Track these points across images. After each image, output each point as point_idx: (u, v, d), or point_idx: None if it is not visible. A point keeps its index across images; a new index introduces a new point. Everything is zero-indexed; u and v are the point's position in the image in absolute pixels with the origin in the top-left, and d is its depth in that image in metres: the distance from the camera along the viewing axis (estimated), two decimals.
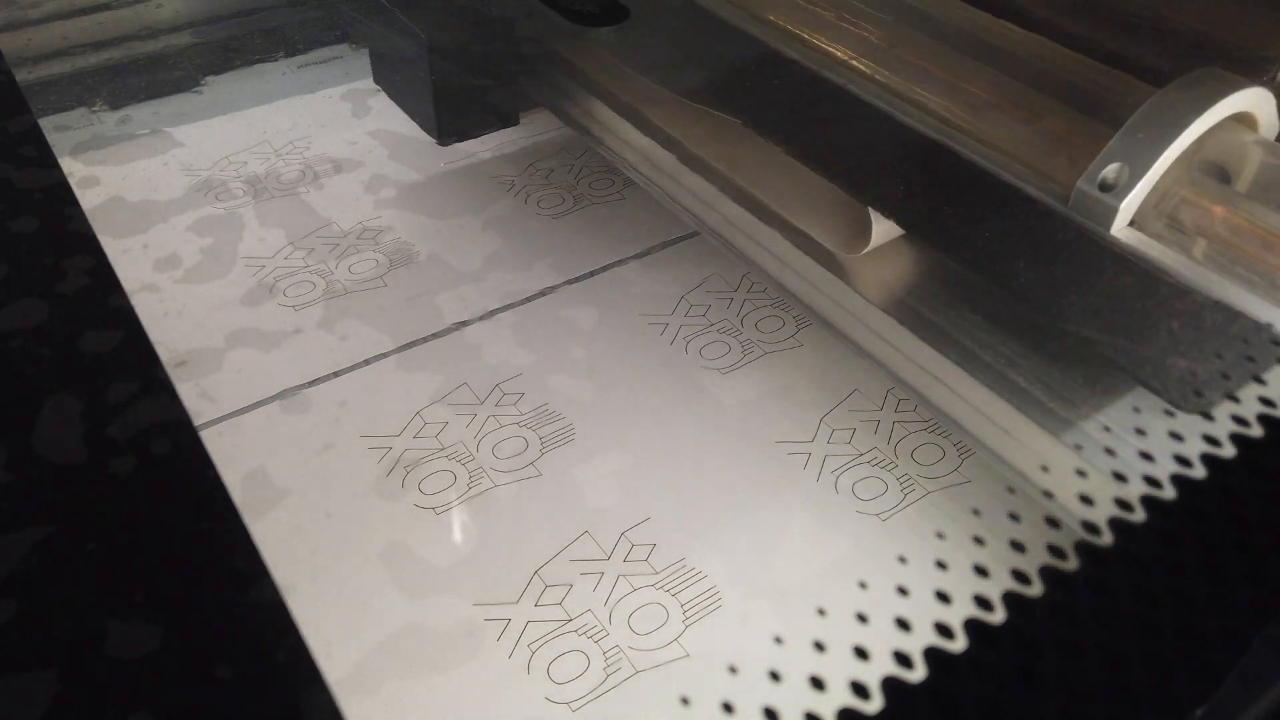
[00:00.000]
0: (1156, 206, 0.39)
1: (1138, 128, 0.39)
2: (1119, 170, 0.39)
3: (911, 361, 0.49)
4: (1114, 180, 0.39)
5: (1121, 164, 0.39)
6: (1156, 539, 0.24)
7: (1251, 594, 0.23)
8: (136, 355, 0.25)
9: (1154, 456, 0.28)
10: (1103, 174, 0.39)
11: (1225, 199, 0.39)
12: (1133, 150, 0.39)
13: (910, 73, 0.48)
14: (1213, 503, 0.25)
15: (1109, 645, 0.22)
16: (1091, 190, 0.39)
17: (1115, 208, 0.39)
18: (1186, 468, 0.25)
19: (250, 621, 0.20)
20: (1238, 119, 0.40)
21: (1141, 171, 0.38)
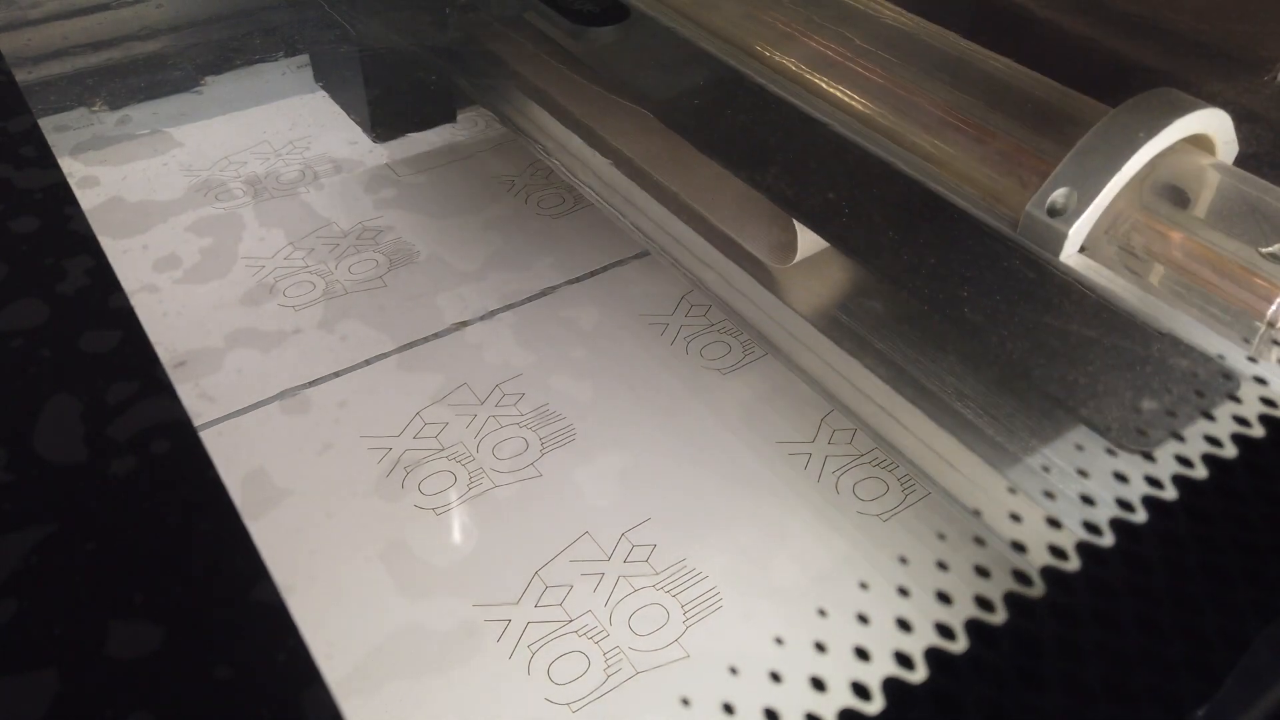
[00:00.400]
0: (1107, 231, 0.38)
1: (1087, 151, 0.38)
2: (1068, 195, 0.38)
3: (857, 389, 0.48)
4: (1063, 205, 0.38)
5: (1070, 188, 0.38)
6: (1157, 539, 0.24)
7: (1252, 594, 0.23)
8: (136, 355, 0.25)
9: (1095, 500, 0.27)
10: (1051, 198, 0.38)
11: (1180, 224, 0.38)
12: (1082, 174, 0.37)
13: (863, 89, 0.46)
14: (1213, 503, 0.25)
15: (1109, 645, 0.22)
16: (1040, 215, 0.38)
17: (1064, 233, 0.37)
18: (1127, 511, 0.25)
19: (250, 622, 0.20)
20: (1193, 141, 0.39)
21: (1091, 196, 0.37)
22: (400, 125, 0.73)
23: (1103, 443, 0.35)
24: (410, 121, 0.74)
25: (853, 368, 0.47)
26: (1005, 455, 0.42)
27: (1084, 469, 0.37)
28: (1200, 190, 0.39)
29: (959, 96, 0.44)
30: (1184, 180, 0.39)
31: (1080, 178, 0.37)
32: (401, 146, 0.77)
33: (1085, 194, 0.37)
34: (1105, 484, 0.27)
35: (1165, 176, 0.39)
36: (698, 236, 0.54)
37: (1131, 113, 0.38)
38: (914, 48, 0.47)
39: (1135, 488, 0.25)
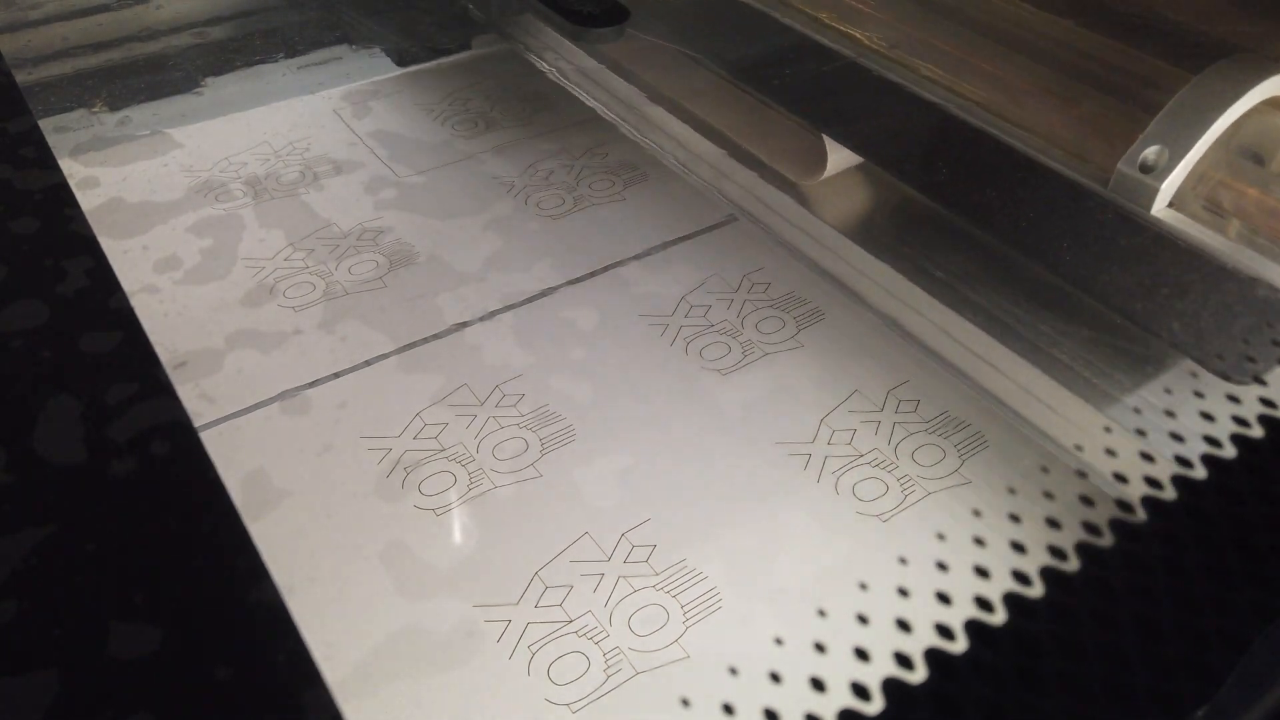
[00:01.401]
0: (1194, 188, 0.40)
1: (1177, 111, 0.40)
2: (1159, 152, 0.40)
3: (958, 343, 0.51)
4: (1154, 162, 0.40)
5: (1161, 146, 0.40)
6: (1157, 540, 0.24)
7: (1252, 595, 0.23)
8: (136, 356, 0.25)
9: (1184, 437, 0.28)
10: (1143, 155, 0.40)
11: (1260, 181, 0.40)
12: (1173, 133, 0.40)
13: (948, 62, 0.49)
14: (1213, 504, 0.25)
15: (1109, 646, 0.22)
16: (1132, 172, 0.41)
17: (1156, 188, 0.40)
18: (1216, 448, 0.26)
19: (250, 623, 0.20)
20: (1273, 103, 0.41)
21: (1182, 153, 0.40)
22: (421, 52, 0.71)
23: (1190, 385, 0.39)
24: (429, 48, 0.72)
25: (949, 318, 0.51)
26: (1102, 395, 0.46)
27: (1172, 409, 0.40)
28: (1277, 150, 0.41)
29: (1044, 67, 0.46)
30: (1263, 140, 0.41)
31: (1171, 136, 0.40)
32: (402, 147, 0.77)
33: (1176, 151, 0.40)
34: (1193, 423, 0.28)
35: (1246, 137, 0.41)
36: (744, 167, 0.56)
37: (1219, 75, 0.40)
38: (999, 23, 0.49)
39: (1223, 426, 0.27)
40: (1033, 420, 0.49)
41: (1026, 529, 0.31)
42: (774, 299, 0.63)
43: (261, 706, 0.19)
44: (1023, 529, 0.33)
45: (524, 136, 0.78)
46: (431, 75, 0.86)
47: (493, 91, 0.84)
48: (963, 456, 0.53)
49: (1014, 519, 0.40)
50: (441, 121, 0.80)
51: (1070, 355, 0.47)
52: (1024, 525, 0.36)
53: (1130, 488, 0.26)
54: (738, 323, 0.61)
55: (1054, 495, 0.41)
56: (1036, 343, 0.48)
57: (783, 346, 0.60)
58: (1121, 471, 0.28)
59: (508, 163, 0.76)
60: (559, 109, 0.81)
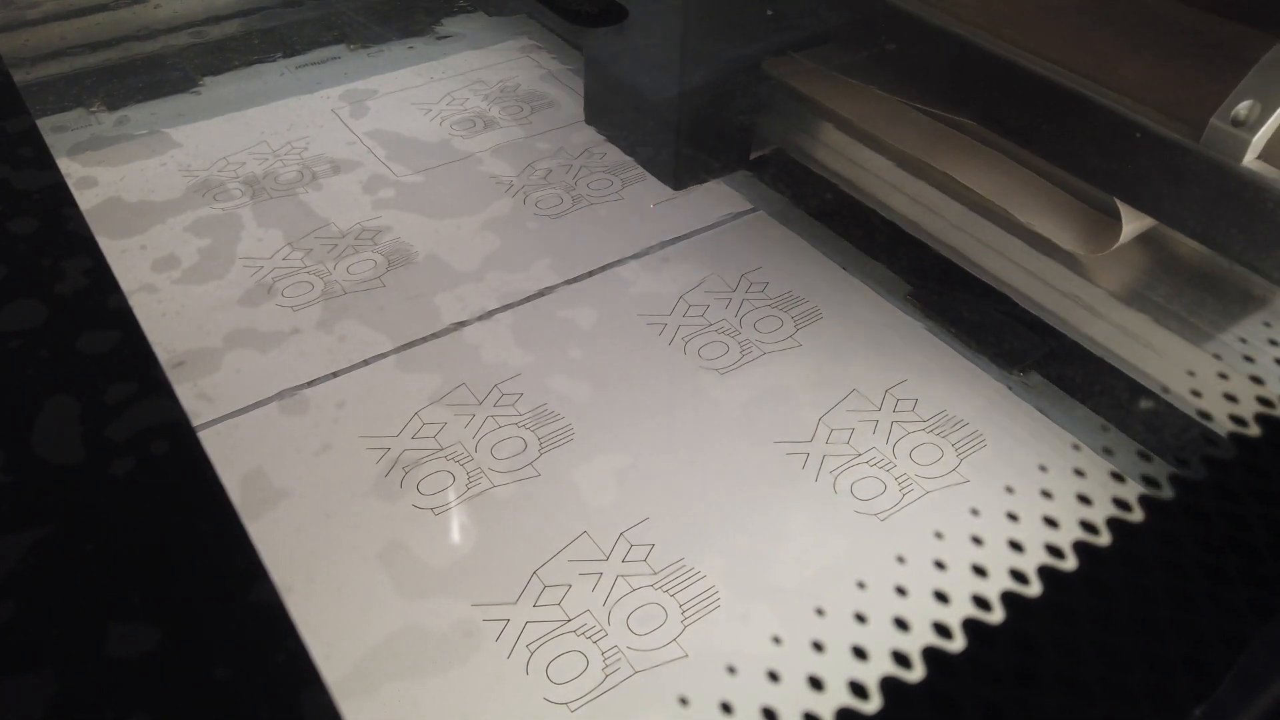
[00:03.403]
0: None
1: (1269, 68, 0.42)
2: (1251, 107, 0.43)
3: (1051, 288, 0.55)
4: (1246, 116, 0.43)
5: (1254, 101, 0.42)
6: (1155, 539, 0.24)
7: (1250, 594, 0.23)
8: (135, 356, 0.25)
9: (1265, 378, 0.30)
10: (1235, 110, 0.43)
11: None
12: (1265, 87, 0.42)
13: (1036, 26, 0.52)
14: (1211, 503, 0.25)
15: (1108, 645, 0.22)
16: (1225, 125, 0.43)
17: (1248, 141, 0.42)
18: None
19: (249, 622, 0.20)
20: None
21: (1274, 107, 0.42)
22: (701, 172, 0.72)
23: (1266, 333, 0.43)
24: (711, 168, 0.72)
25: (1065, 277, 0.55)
26: (1198, 333, 0.50)
27: (1276, 339, 0.45)
28: None
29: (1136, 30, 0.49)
30: None
31: (1263, 90, 0.43)
32: (400, 147, 0.77)
33: (1269, 106, 0.42)
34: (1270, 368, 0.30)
35: None
36: None
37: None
38: None
39: None
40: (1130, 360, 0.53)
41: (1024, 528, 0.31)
42: (772, 298, 0.63)
43: (260, 706, 0.19)
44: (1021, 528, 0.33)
45: (522, 136, 0.78)
46: (430, 75, 0.86)
47: (491, 91, 0.84)
48: (961, 455, 0.53)
49: (1012, 518, 0.40)
50: (439, 121, 0.80)
51: (1165, 297, 0.51)
52: (1022, 524, 0.36)
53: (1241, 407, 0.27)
54: (736, 322, 0.61)
55: (1052, 494, 0.41)
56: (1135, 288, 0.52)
57: (781, 346, 0.60)
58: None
59: (506, 162, 0.76)
60: (558, 107, 0.81)
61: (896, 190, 0.64)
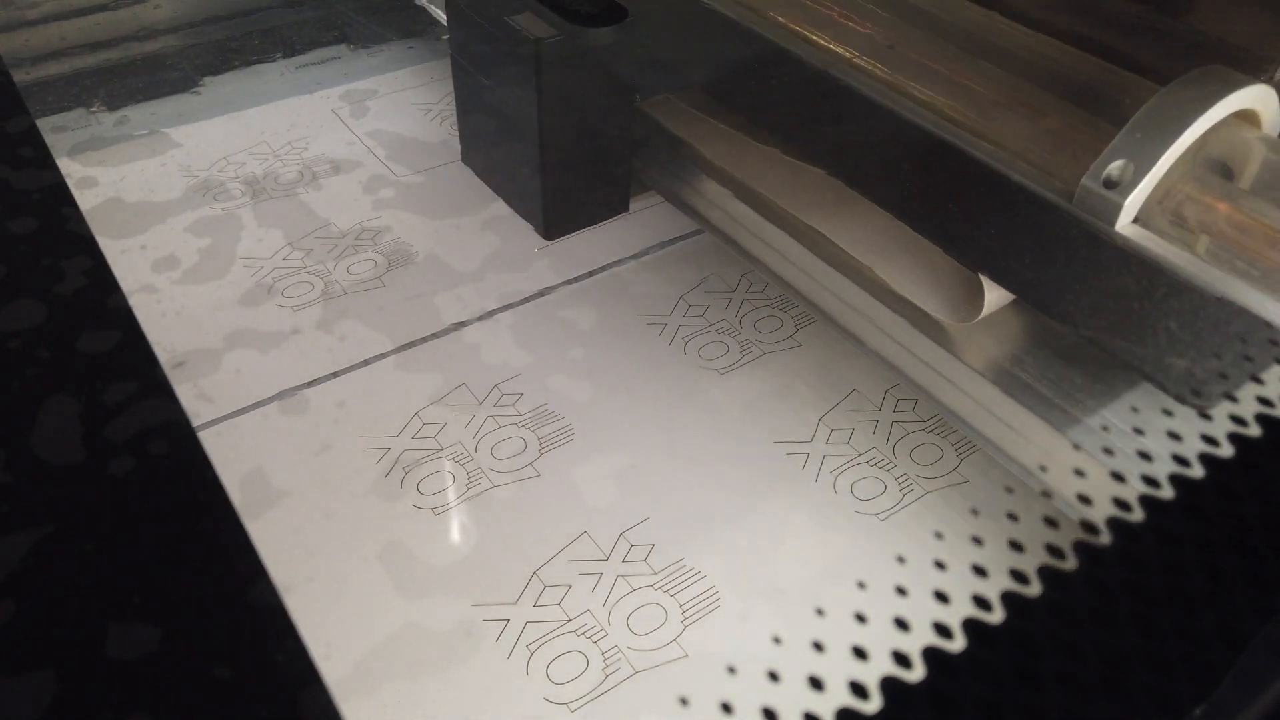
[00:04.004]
0: (1160, 203, 0.39)
1: (1141, 125, 0.39)
2: (1123, 167, 0.39)
3: (916, 358, 0.49)
4: (1118, 177, 0.39)
5: (1126, 161, 0.39)
6: (1155, 538, 0.24)
7: (1250, 593, 0.23)
8: (134, 356, 0.25)
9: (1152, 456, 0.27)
10: (1107, 171, 0.39)
11: (1229, 196, 0.39)
12: (1137, 147, 0.39)
13: (912, 70, 0.48)
14: (1211, 502, 0.25)
15: (1108, 645, 0.22)
16: (1096, 187, 0.39)
17: (1120, 204, 0.39)
18: (1185, 467, 0.25)
19: (248, 622, 0.20)
20: (1241, 116, 0.40)
21: (1146, 168, 0.39)
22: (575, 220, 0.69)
23: (1158, 404, 0.37)
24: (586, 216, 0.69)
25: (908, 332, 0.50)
26: (1065, 416, 0.44)
27: (1140, 427, 0.39)
28: (1246, 163, 0.40)
29: (1011, 77, 0.45)
30: (1231, 153, 0.40)
31: (1136, 150, 0.39)
32: (400, 147, 0.77)
33: (1141, 166, 0.39)
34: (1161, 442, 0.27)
35: (1214, 150, 0.40)
36: None
37: (1185, 88, 0.39)
38: (962, 31, 0.48)
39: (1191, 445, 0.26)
40: (995, 441, 0.47)
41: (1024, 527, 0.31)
42: (772, 298, 0.63)
43: (260, 706, 0.19)
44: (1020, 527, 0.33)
45: None
46: (431, 75, 0.86)
47: None
48: (960, 455, 0.53)
49: (1012, 517, 0.40)
50: (439, 121, 0.80)
51: (1033, 375, 0.46)
52: (1022, 524, 0.36)
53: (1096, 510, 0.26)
54: (736, 322, 0.61)
55: (1051, 494, 0.41)
56: (1000, 362, 0.47)
57: (781, 345, 0.60)
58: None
59: None
60: None
61: (767, 245, 0.59)
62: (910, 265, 0.51)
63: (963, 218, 0.43)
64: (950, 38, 0.48)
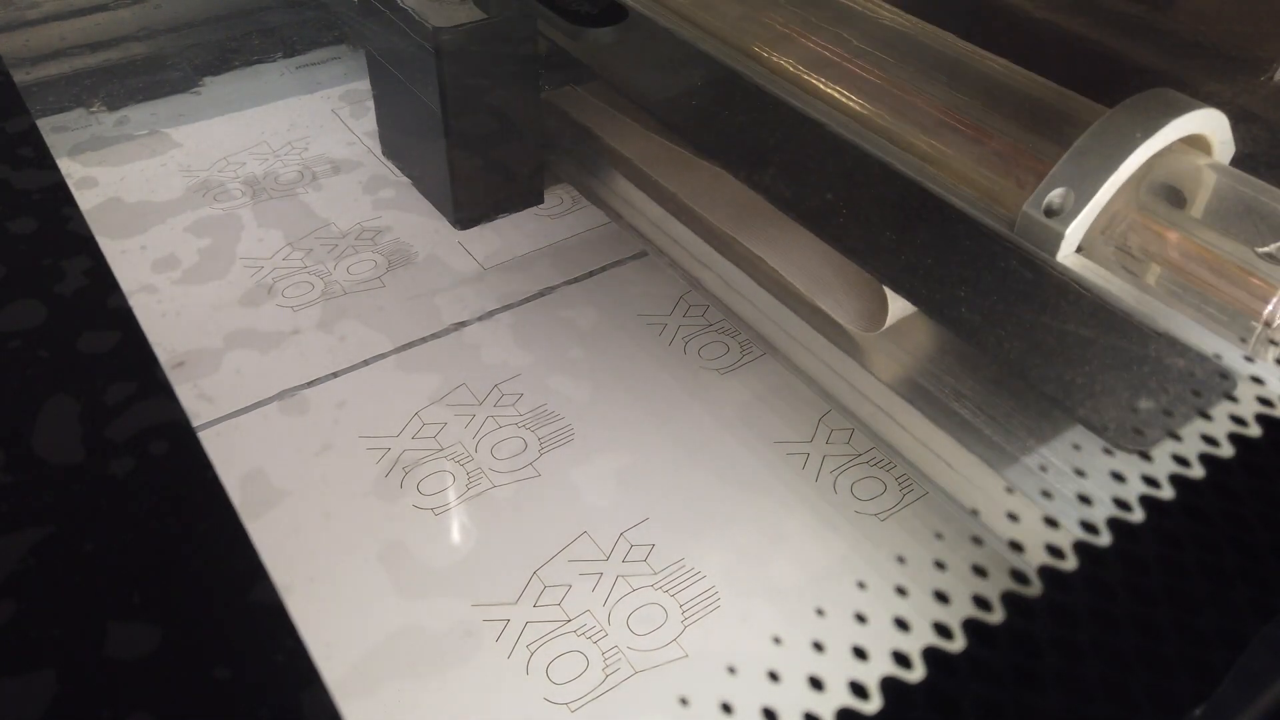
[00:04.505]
0: (1104, 231, 0.38)
1: (1084, 151, 0.37)
2: (1065, 195, 0.38)
3: (855, 390, 0.48)
4: (1059, 205, 0.38)
5: (1067, 189, 0.38)
6: (1155, 539, 0.24)
7: (1249, 593, 0.23)
8: (135, 356, 0.25)
9: (1091, 499, 0.27)
10: (1048, 199, 0.38)
11: (1177, 223, 0.38)
12: (1079, 174, 0.37)
13: (861, 89, 0.46)
14: (1211, 502, 0.25)
15: (1108, 645, 0.22)
16: (1037, 215, 0.38)
17: (1061, 233, 0.37)
18: (1125, 510, 0.25)
19: (249, 622, 0.20)
20: (1190, 141, 0.39)
21: (1088, 196, 0.37)
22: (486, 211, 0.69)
23: (1100, 442, 0.35)
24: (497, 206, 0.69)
25: (850, 368, 0.48)
26: (1003, 455, 0.42)
27: (1081, 468, 0.37)
28: (1197, 190, 0.39)
29: (956, 97, 0.44)
30: (1180, 180, 0.39)
31: (1077, 178, 0.37)
32: None
33: (1082, 194, 0.37)
34: (1102, 483, 0.26)
35: (1162, 177, 0.38)
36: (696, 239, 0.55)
37: (1128, 113, 0.38)
38: (910, 48, 0.47)
39: (1132, 487, 0.26)
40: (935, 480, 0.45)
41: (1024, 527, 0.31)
42: None
43: (260, 706, 0.19)
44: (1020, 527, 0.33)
45: None
46: None
47: None
48: None
49: (1012, 518, 0.40)
50: None
51: (972, 411, 0.44)
52: (1022, 524, 0.36)
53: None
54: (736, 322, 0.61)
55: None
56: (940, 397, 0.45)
57: None
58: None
59: None
60: None
61: (682, 249, 0.58)
62: (815, 270, 0.50)
63: (897, 243, 0.41)
64: (898, 52, 0.47)
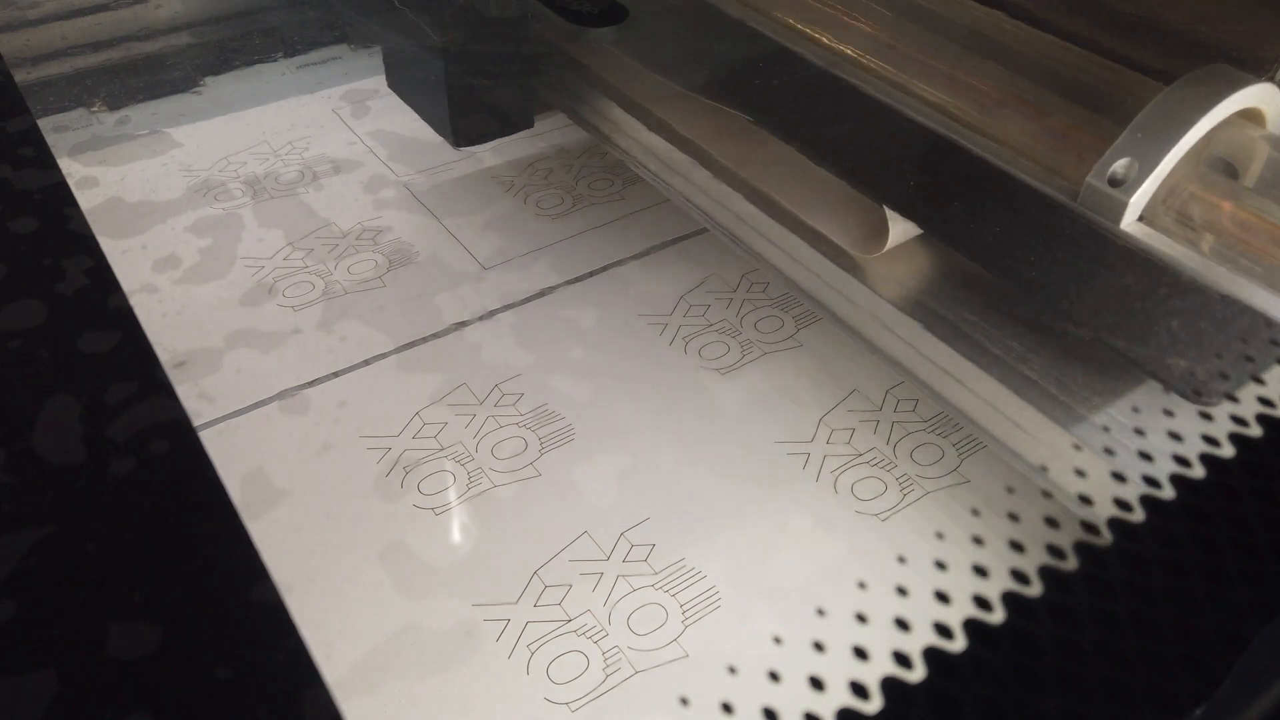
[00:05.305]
0: (1165, 202, 0.40)
1: (1146, 123, 0.39)
2: (1128, 165, 0.39)
3: (923, 356, 0.49)
4: (1123, 175, 0.39)
5: (1131, 159, 0.39)
6: (1156, 539, 0.24)
7: (1251, 593, 0.23)
8: (135, 356, 0.25)
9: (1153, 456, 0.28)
10: (1112, 169, 0.39)
11: (1233, 194, 0.39)
12: (1142, 146, 0.39)
13: (917, 69, 0.48)
14: (1212, 502, 0.25)
15: (1109, 645, 0.22)
16: (1101, 185, 0.40)
17: (1125, 202, 0.39)
18: (1185, 467, 0.25)
19: (249, 622, 0.20)
20: (1245, 115, 0.40)
21: (1151, 167, 0.39)
22: (480, 133, 0.73)
23: (1160, 403, 0.37)
24: (491, 130, 0.74)
25: (918, 334, 0.49)
26: (1069, 414, 0.44)
27: (1141, 428, 0.39)
28: (1250, 162, 0.40)
29: (1015, 76, 0.45)
30: (1235, 152, 0.40)
31: (1141, 149, 0.39)
32: (401, 147, 0.77)
33: (1146, 164, 0.39)
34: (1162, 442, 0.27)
35: (1219, 148, 0.40)
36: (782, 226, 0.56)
37: (1190, 87, 0.39)
38: (963, 28, 0.48)
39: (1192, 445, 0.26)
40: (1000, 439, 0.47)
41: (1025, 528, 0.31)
42: (773, 298, 0.63)
43: (260, 706, 0.19)
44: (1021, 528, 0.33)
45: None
46: None
47: None
48: (961, 455, 0.53)
49: (1012, 518, 0.40)
50: None
51: (1039, 372, 0.46)
52: (1022, 524, 0.36)
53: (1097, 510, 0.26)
54: (737, 322, 0.61)
55: (1052, 494, 0.41)
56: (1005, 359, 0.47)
57: (781, 345, 0.60)
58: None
59: (507, 162, 0.76)
60: None
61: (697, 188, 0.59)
62: (819, 196, 0.51)
63: (968, 215, 0.43)
64: (952, 36, 0.48)
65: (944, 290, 0.49)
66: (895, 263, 0.51)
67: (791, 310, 0.62)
